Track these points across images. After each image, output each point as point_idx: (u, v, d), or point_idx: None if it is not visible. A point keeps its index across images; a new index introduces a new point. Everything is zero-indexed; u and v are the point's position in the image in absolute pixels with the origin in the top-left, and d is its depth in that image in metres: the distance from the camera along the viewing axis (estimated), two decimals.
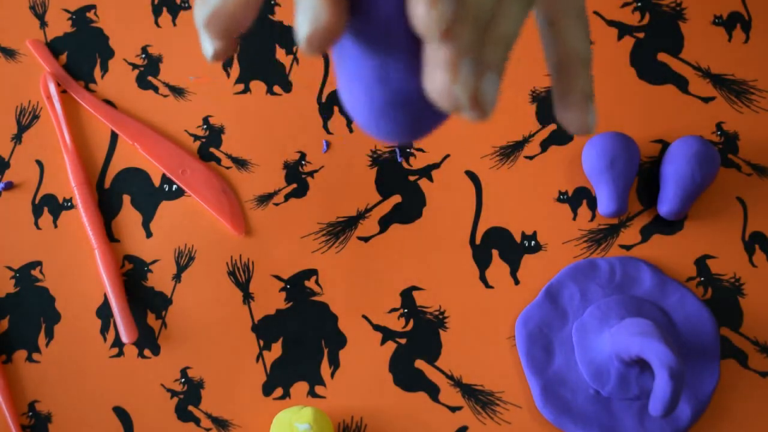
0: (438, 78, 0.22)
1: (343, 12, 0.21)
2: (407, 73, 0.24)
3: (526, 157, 0.49)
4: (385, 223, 0.48)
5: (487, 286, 0.48)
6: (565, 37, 0.29)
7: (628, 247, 0.48)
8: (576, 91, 0.29)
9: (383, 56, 0.23)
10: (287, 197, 0.49)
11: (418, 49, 0.23)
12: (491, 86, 0.23)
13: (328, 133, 0.50)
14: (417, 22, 0.21)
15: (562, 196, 0.49)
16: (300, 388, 0.46)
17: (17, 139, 0.50)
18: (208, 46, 0.25)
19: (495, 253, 0.48)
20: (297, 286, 0.48)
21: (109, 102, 0.51)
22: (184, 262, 0.48)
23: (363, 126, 0.26)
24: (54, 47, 0.52)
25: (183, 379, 0.47)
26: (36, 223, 0.49)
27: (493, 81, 0.23)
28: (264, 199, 0.49)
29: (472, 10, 0.22)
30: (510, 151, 0.50)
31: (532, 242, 0.48)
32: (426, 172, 0.49)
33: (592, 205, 0.49)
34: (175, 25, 0.52)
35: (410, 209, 0.49)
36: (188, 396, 0.46)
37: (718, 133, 0.50)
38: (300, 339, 0.47)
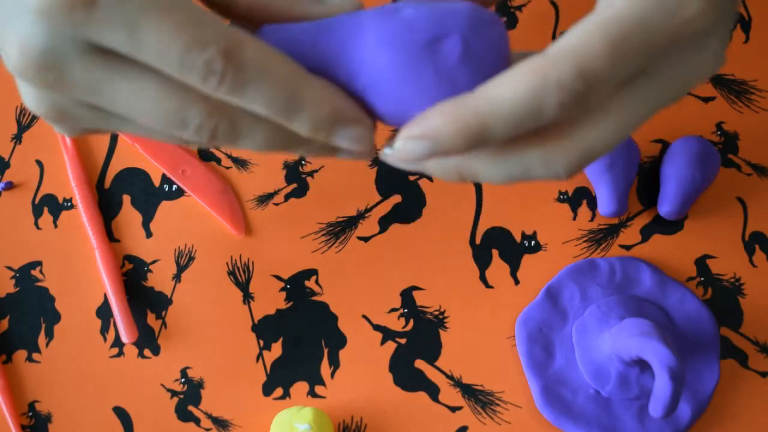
0: None
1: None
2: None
3: None
4: (385, 223, 0.48)
5: (487, 286, 0.48)
6: None
7: (628, 247, 0.48)
8: None
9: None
10: (287, 197, 0.49)
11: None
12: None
13: None
14: None
15: (562, 196, 0.49)
16: (300, 388, 0.46)
17: (17, 139, 0.50)
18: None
19: (495, 253, 0.48)
20: (297, 286, 0.48)
21: None
22: (184, 262, 0.48)
23: None
24: None
25: (183, 379, 0.47)
26: (36, 223, 0.49)
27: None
28: (264, 199, 0.49)
29: None
30: None
31: (532, 242, 0.48)
32: None
33: (592, 205, 0.49)
34: None
35: (410, 209, 0.49)
36: (188, 396, 0.46)
37: (718, 133, 0.50)
38: (300, 339, 0.47)
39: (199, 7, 0.24)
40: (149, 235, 0.49)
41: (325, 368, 0.47)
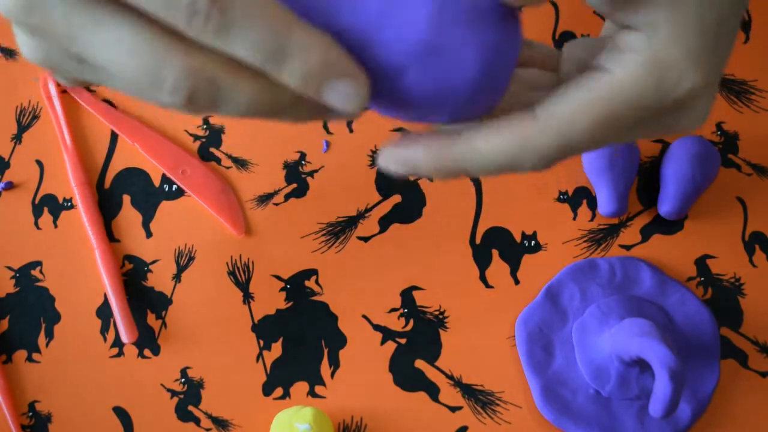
0: None
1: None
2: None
3: None
4: (385, 223, 0.48)
5: (487, 286, 0.48)
6: None
7: (628, 247, 0.48)
8: None
9: None
10: (287, 197, 0.49)
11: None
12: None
13: (328, 133, 0.50)
14: None
15: (562, 196, 0.49)
16: (300, 388, 0.46)
17: (17, 139, 0.50)
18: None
19: (495, 252, 0.48)
20: (297, 286, 0.48)
21: (109, 102, 0.51)
22: (184, 262, 0.48)
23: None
24: None
25: (183, 379, 0.47)
26: (36, 223, 0.49)
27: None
28: (264, 199, 0.49)
29: None
30: None
31: (532, 242, 0.48)
32: None
33: (592, 205, 0.49)
34: None
35: (410, 209, 0.49)
36: (188, 396, 0.46)
37: (718, 133, 0.50)
38: (300, 339, 0.47)
39: None
40: (149, 235, 0.49)
41: (325, 368, 0.47)
